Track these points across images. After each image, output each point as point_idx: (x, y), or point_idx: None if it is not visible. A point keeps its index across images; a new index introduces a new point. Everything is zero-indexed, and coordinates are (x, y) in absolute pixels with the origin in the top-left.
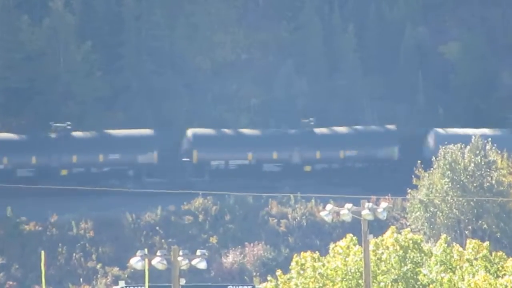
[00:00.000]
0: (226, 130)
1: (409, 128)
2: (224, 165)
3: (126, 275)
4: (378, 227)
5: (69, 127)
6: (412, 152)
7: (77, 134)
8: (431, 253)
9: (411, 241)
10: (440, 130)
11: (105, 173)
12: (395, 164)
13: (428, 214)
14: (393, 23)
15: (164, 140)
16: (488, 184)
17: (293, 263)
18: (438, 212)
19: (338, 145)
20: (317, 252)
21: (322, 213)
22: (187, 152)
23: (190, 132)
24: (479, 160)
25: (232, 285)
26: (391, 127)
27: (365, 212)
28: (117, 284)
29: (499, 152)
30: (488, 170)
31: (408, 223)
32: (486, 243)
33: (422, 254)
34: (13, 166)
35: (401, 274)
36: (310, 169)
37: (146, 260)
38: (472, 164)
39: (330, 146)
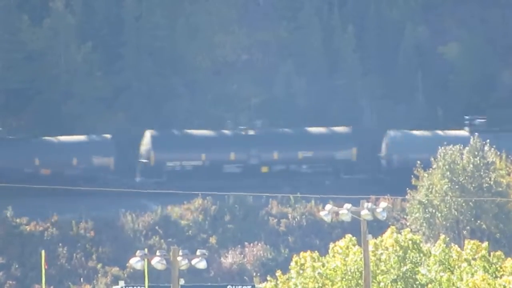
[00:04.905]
0: (185, 131)
1: (366, 129)
2: (180, 167)
3: (125, 275)
4: (377, 227)
5: None
6: (370, 153)
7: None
8: (430, 253)
9: (410, 242)
10: (394, 132)
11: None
12: (352, 165)
13: (427, 215)
14: (392, 23)
15: (122, 142)
16: (487, 184)
17: (292, 263)
18: (437, 213)
19: (296, 146)
20: (316, 252)
21: (322, 213)
22: (145, 153)
23: (148, 133)
24: (478, 161)
25: (232, 285)
26: (349, 128)
27: (364, 212)
28: (117, 284)
29: (498, 153)
30: (487, 171)
31: (407, 224)
32: (485, 244)
33: (421, 254)
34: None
35: (401, 274)
36: (267, 170)
37: (146, 260)
38: (471, 165)
39: (287, 147)
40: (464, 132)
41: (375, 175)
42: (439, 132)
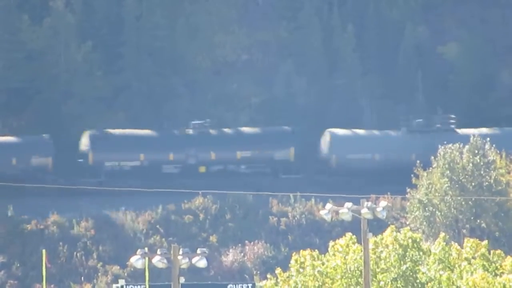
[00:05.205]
0: (124, 131)
1: (306, 129)
2: (119, 167)
3: (126, 274)
4: (377, 226)
5: None
6: (308, 153)
7: None
8: (430, 251)
9: (410, 240)
10: (332, 131)
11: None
12: (291, 165)
13: (427, 214)
14: (392, 23)
15: (61, 142)
16: (486, 183)
17: (292, 261)
18: (437, 212)
19: (234, 146)
20: (316, 250)
21: (322, 212)
22: (84, 153)
23: (86, 133)
24: (478, 160)
25: (232, 284)
26: (287, 128)
27: (364, 211)
28: (117, 282)
29: (498, 152)
30: (487, 169)
31: (407, 223)
32: (485, 242)
33: (421, 253)
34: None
35: (400, 272)
36: (204, 170)
37: (146, 258)
38: (471, 164)
39: (225, 147)
40: (400, 133)
41: (314, 175)
42: (376, 132)
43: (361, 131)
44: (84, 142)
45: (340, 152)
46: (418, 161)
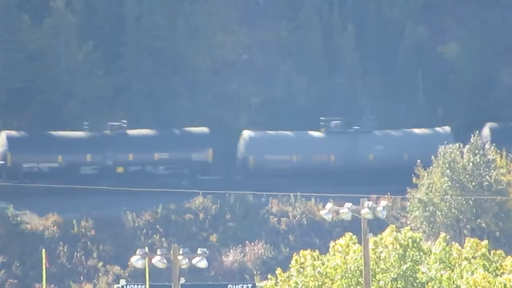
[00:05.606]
0: (42, 132)
1: (224, 130)
2: (37, 168)
3: (126, 274)
4: (377, 226)
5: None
6: (226, 154)
7: None
8: (430, 251)
9: (410, 240)
10: (250, 132)
11: None
12: (209, 166)
13: (427, 213)
14: (392, 22)
15: None
16: (487, 183)
17: (293, 262)
18: (437, 211)
19: (152, 148)
20: (316, 250)
21: (322, 212)
22: (2, 154)
23: (3, 134)
24: (478, 160)
25: (232, 284)
26: (205, 129)
27: (364, 211)
28: (118, 282)
29: (499, 151)
30: (487, 169)
31: (407, 222)
32: (485, 242)
33: (421, 253)
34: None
35: (401, 272)
36: (122, 171)
37: (147, 258)
38: (471, 164)
39: (143, 148)
40: (319, 134)
41: (232, 176)
42: (294, 133)
43: (279, 132)
44: (1, 143)
45: (257, 153)
46: (418, 161)
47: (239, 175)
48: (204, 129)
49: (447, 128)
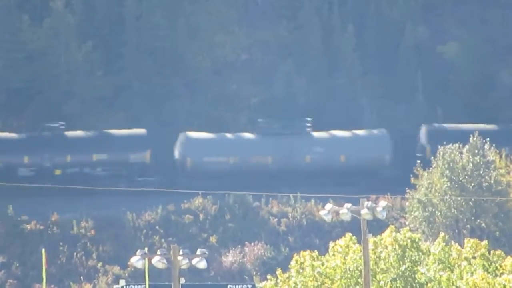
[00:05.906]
0: None
1: (162, 131)
2: None
3: (126, 274)
4: (377, 226)
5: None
6: (164, 156)
7: None
8: (430, 251)
9: (409, 240)
10: (187, 134)
11: None
12: (147, 168)
13: (427, 214)
14: (392, 22)
15: None
16: (486, 183)
17: (292, 262)
18: (436, 212)
19: (90, 149)
20: (316, 251)
21: (322, 213)
22: None
23: None
24: (478, 160)
25: (232, 285)
26: (143, 130)
27: (364, 212)
28: (117, 282)
29: (498, 151)
30: (487, 169)
31: (407, 223)
32: (485, 242)
33: (421, 253)
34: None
35: (400, 272)
36: (60, 173)
37: (146, 259)
38: (471, 164)
39: (81, 149)
40: (257, 136)
41: (169, 178)
42: (229, 135)
43: (217, 134)
44: None
45: (194, 155)
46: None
47: (177, 177)
48: (142, 131)
49: (384, 130)
